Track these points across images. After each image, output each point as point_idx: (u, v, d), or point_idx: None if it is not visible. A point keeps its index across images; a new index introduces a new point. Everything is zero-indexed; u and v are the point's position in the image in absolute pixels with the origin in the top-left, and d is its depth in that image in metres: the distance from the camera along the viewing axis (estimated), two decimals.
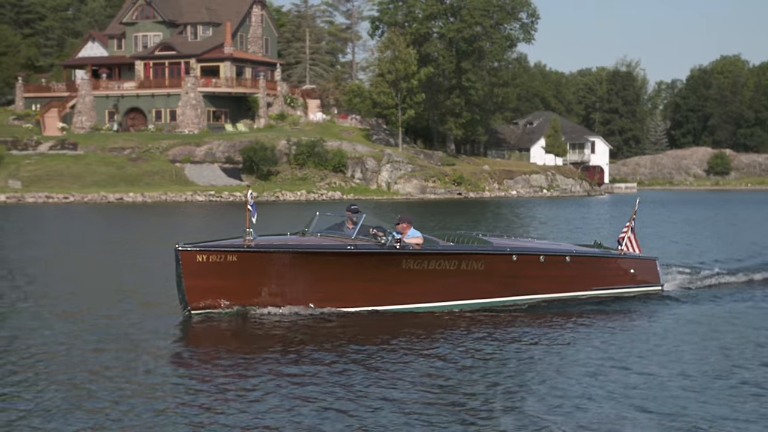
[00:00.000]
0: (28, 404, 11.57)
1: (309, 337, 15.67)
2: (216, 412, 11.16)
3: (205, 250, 16.60)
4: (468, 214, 63.47)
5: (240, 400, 11.67)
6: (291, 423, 10.80)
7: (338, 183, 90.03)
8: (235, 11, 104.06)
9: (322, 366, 13.55)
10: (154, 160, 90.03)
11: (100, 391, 12.14)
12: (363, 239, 17.76)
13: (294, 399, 11.73)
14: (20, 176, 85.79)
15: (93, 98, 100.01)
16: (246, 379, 12.75)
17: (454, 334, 16.43)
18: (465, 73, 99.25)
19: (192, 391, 12.13)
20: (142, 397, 11.76)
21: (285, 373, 13.08)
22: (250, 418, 10.93)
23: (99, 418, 10.95)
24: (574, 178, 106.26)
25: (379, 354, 14.57)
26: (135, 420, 10.87)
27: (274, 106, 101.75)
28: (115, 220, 56.20)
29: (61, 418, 10.98)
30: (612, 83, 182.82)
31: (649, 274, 22.07)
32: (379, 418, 11.04)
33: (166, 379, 12.78)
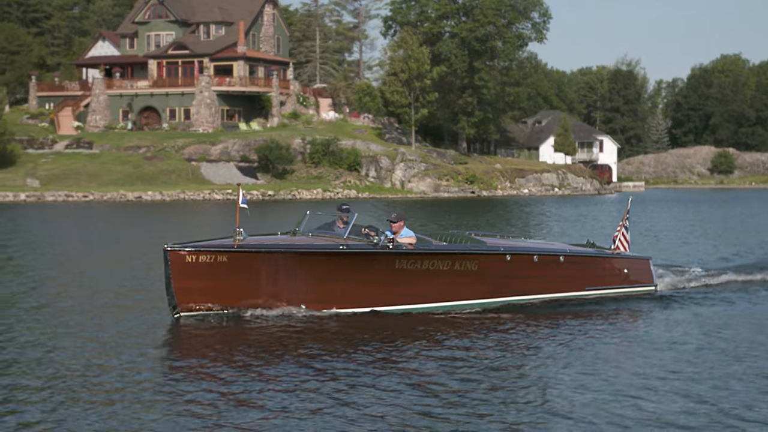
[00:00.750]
0: (8, 406, 11.30)
1: (301, 340, 15.30)
2: (203, 417, 10.86)
3: (195, 251, 16.15)
4: (486, 212, 64.16)
5: (229, 405, 11.33)
6: (281, 426, 10.56)
7: (353, 181, 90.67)
8: (247, 10, 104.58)
9: (314, 369, 13.24)
10: (170, 158, 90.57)
11: (80, 393, 11.81)
12: (355, 239, 17.46)
13: (285, 402, 11.47)
14: (38, 175, 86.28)
15: (107, 97, 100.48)
16: (236, 383, 12.39)
17: (448, 335, 16.12)
18: (477, 73, 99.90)
19: (179, 397, 11.69)
20: (125, 402, 11.39)
21: (276, 377, 12.78)
22: (238, 423, 10.65)
23: (81, 422, 10.65)
24: (584, 176, 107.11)
25: (372, 356, 14.27)
26: (119, 425, 10.55)
27: (287, 105, 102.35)
28: (138, 218, 56.72)
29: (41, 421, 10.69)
30: (614, 82, 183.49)
31: (642, 274, 21.80)
32: (374, 422, 10.81)
33: (149, 385, 12.30)
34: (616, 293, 21.15)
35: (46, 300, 19.86)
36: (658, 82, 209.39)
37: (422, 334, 16.20)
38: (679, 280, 23.32)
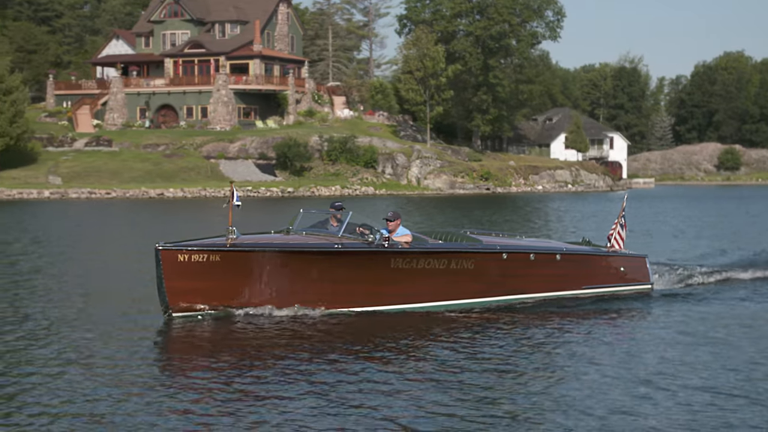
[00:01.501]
0: None
1: (295, 340, 15.07)
2: (194, 419, 10.73)
3: (187, 250, 15.87)
4: (505, 208, 65.16)
5: (221, 407, 11.17)
6: (276, 427, 10.49)
7: (370, 178, 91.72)
8: (262, 9, 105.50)
9: (308, 369, 13.06)
10: (189, 156, 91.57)
11: (70, 394, 11.71)
12: (350, 237, 17.19)
13: (279, 403, 11.34)
14: (59, 172, 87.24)
15: (124, 95, 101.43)
16: (229, 385, 12.18)
17: (444, 335, 15.88)
18: (492, 70, 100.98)
19: (170, 399, 11.51)
20: (115, 404, 11.25)
21: (269, 378, 12.59)
22: (231, 424, 10.57)
23: (70, 424, 10.58)
24: (597, 173, 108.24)
25: (367, 356, 14.07)
26: (108, 426, 10.46)
27: (302, 103, 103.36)
28: (160, 214, 57.69)
29: None
30: (617, 79, 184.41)
31: (638, 272, 21.58)
32: (372, 422, 10.73)
33: (139, 387, 12.04)
34: (612, 292, 20.94)
35: (41, 298, 19.80)
36: (660, 79, 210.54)
37: (418, 335, 15.94)
38: (676, 278, 23.13)
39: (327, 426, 10.57)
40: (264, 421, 10.67)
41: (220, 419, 10.72)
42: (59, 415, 10.83)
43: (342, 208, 18.17)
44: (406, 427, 10.50)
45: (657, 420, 10.86)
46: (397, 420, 10.79)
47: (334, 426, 10.58)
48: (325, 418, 10.85)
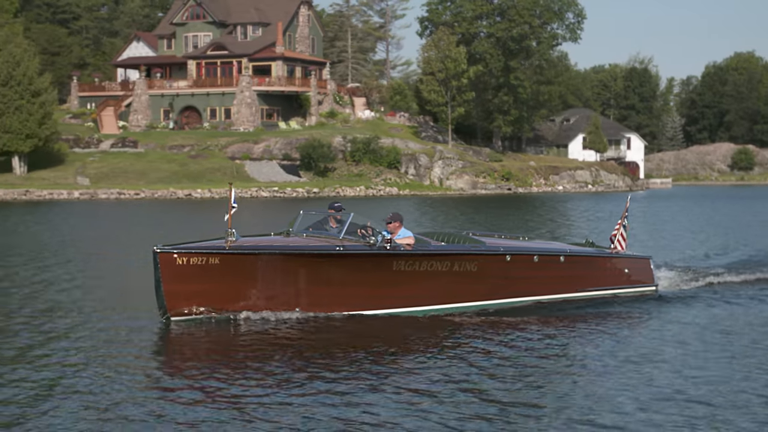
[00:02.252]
0: None
1: (295, 344, 14.84)
2: (192, 425, 10.59)
3: (185, 252, 15.64)
4: (534, 208, 65.99)
5: (220, 413, 10.98)
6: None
7: (393, 179, 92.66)
8: (283, 11, 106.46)
9: (310, 374, 12.87)
10: (214, 157, 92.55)
11: (64, 400, 11.55)
12: (351, 239, 16.87)
13: (279, 410, 11.15)
14: (87, 173, 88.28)
15: (148, 97, 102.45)
16: (228, 390, 12.00)
17: (447, 339, 15.71)
18: (513, 72, 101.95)
19: (167, 405, 11.31)
20: (111, 409, 11.12)
21: (269, 383, 12.40)
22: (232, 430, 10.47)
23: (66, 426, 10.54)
24: (616, 173, 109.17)
25: (369, 361, 13.84)
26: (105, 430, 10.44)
27: (324, 104, 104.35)
28: (186, 215, 58.58)
29: None
30: (629, 80, 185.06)
31: (643, 274, 21.28)
32: (375, 428, 10.62)
33: (136, 393, 11.86)
34: (616, 294, 20.63)
35: (41, 299, 19.75)
36: (669, 80, 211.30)
37: (420, 338, 15.71)
38: (681, 280, 22.81)
39: (328, 430, 10.44)
40: (264, 428, 10.48)
41: (218, 427, 10.52)
42: (54, 418, 10.68)
43: (341, 209, 17.91)
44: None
45: (661, 424, 10.71)
46: (400, 425, 10.59)
47: (335, 430, 10.45)
48: (326, 423, 10.64)
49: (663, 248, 32.51)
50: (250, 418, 10.83)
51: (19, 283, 22.56)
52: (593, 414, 11.13)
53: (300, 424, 10.62)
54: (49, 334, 15.62)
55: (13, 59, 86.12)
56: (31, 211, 60.08)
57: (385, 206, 66.05)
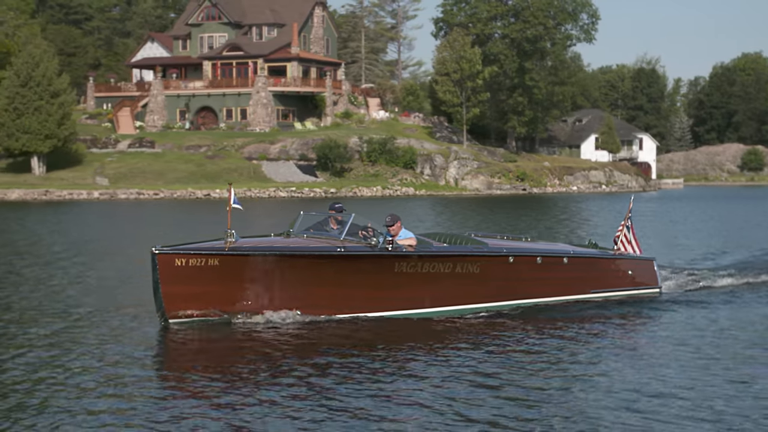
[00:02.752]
0: None
1: (295, 347, 14.63)
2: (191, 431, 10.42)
3: (184, 254, 15.40)
4: (553, 209, 66.41)
5: (219, 418, 10.75)
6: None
7: (409, 179, 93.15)
8: (297, 12, 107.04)
9: (310, 377, 12.64)
10: (231, 157, 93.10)
11: (61, 402, 11.45)
12: (352, 240, 16.60)
13: (279, 413, 11.00)
14: (106, 173, 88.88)
15: (164, 97, 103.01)
16: (227, 394, 11.77)
17: (450, 342, 15.40)
18: (528, 73, 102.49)
19: (164, 410, 11.07)
20: (107, 412, 10.98)
21: (269, 386, 12.17)
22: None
23: None
24: (630, 174, 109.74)
25: (371, 364, 13.57)
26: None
27: (339, 105, 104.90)
28: (205, 215, 59.02)
29: None
30: (637, 80, 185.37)
31: (646, 276, 20.97)
32: None
33: (133, 399, 11.59)
34: (620, 296, 20.35)
35: (40, 298, 19.61)
36: (676, 80, 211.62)
37: (422, 342, 15.40)
38: (685, 282, 22.52)
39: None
40: None
41: None
42: (48, 422, 10.57)
43: (342, 210, 17.70)
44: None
45: (673, 427, 10.64)
46: (404, 429, 10.49)
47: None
48: (327, 427, 10.50)
49: (675, 249, 32.53)
50: (249, 423, 10.59)
51: (27, 282, 22.61)
52: (600, 419, 10.95)
53: (301, 428, 10.42)
54: (44, 337, 15.30)
55: (33, 60, 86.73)
56: (52, 211, 60.63)
57: (400, 207, 66.51)
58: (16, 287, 21.64)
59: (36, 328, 16.13)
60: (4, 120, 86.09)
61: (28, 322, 16.77)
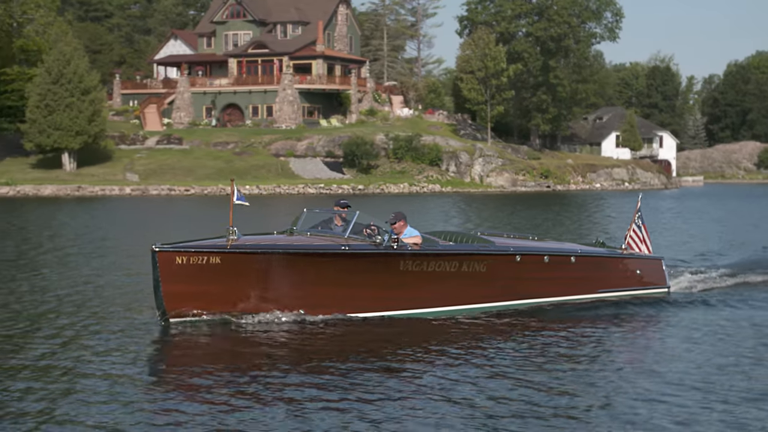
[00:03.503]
0: None
1: (298, 347, 14.37)
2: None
3: (185, 252, 15.04)
4: (585, 206, 67.12)
5: (221, 421, 10.54)
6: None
7: (435, 176, 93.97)
8: (322, 11, 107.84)
9: (314, 378, 12.38)
10: (258, 154, 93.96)
11: (61, 402, 11.28)
12: (356, 238, 16.32)
13: (281, 416, 10.76)
14: (135, 170, 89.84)
15: (191, 95, 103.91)
16: (229, 396, 11.49)
17: (456, 342, 15.08)
18: (552, 71, 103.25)
19: (166, 413, 10.84)
20: (106, 414, 10.73)
21: (272, 388, 11.92)
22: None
23: None
24: (652, 171, 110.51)
25: (376, 365, 13.32)
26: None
27: (364, 102, 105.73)
28: (243, 211, 59.41)
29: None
30: (651, 78, 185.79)
31: (655, 275, 20.67)
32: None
33: (130, 399, 11.35)
34: (627, 296, 20.02)
35: (43, 298, 19.34)
36: (689, 78, 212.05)
37: (428, 341, 15.07)
38: (693, 281, 22.23)
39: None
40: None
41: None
42: (45, 423, 10.47)
43: (348, 207, 17.39)
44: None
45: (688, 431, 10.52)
46: (412, 430, 10.37)
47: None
48: (331, 428, 10.35)
49: (696, 246, 32.65)
50: (251, 424, 10.44)
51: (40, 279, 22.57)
52: (612, 418, 10.83)
53: (303, 430, 10.26)
54: (46, 336, 15.11)
55: (64, 57, 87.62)
56: (86, 206, 61.52)
57: (427, 203, 67.35)
58: (39, 288, 21.40)
59: (36, 326, 15.85)
60: (36, 117, 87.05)
61: (24, 320, 16.54)
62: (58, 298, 19.24)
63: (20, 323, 16.29)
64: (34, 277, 22.91)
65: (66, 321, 16.43)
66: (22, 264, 26.07)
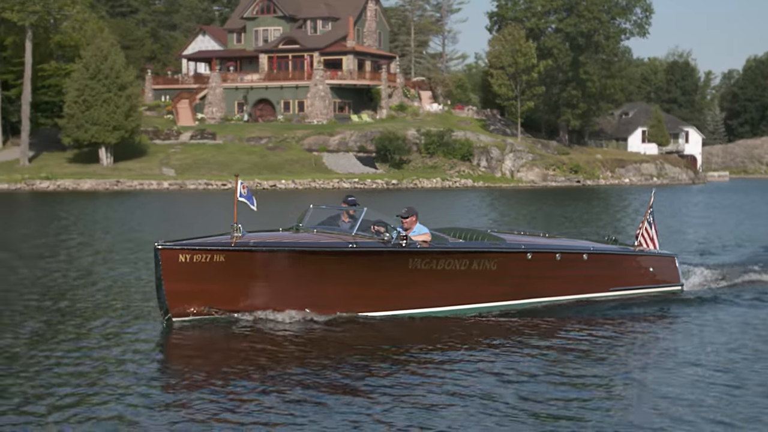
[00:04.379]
0: None
1: (305, 348, 13.97)
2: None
3: (189, 249, 14.68)
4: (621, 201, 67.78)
5: (226, 424, 10.27)
6: None
7: (466, 171, 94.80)
8: (352, 6, 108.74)
9: (321, 380, 12.02)
10: (291, 149, 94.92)
11: (56, 402, 11.05)
12: (364, 236, 15.89)
13: (288, 418, 10.49)
14: (172, 164, 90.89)
15: (222, 90, 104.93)
16: (233, 399, 11.16)
17: (466, 342, 14.71)
18: (582, 66, 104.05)
19: (164, 413, 10.60)
20: (107, 418, 10.45)
21: (278, 390, 11.57)
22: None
23: None
24: (680, 167, 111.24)
25: (385, 365, 12.98)
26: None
27: (393, 98, 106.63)
28: (277, 204, 60.59)
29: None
30: (671, 73, 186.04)
31: (668, 273, 20.29)
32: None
33: (135, 401, 11.06)
34: (641, 294, 19.67)
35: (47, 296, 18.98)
36: (707, 74, 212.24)
37: (437, 341, 14.75)
38: (707, 279, 21.82)
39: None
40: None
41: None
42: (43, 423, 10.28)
43: (355, 203, 16.93)
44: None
45: None
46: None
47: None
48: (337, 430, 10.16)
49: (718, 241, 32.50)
50: (254, 427, 10.20)
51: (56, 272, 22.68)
52: (631, 422, 10.57)
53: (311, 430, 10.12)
54: (45, 335, 14.85)
55: (101, 53, 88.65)
56: (126, 200, 62.51)
57: (459, 198, 68.17)
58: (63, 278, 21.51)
59: (33, 322, 15.77)
60: (74, 112, 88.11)
61: (29, 318, 16.35)
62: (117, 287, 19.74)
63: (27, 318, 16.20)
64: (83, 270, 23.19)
65: (65, 319, 16.10)
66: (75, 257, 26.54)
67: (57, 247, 29.95)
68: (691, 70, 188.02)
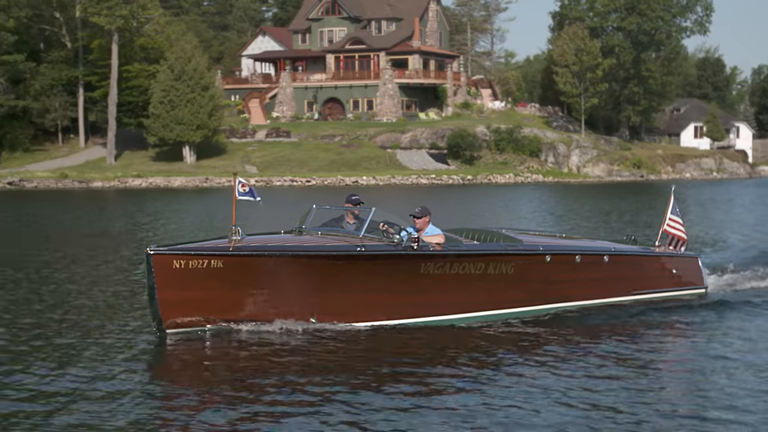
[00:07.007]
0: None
1: (310, 359, 13.16)
2: None
3: (184, 254, 13.66)
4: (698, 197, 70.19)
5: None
6: None
7: (536, 167, 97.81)
8: (415, 7, 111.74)
9: (325, 393, 11.38)
10: (364, 146, 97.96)
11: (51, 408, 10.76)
12: (372, 238, 14.96)
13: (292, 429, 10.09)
14: (253, 161, 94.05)
15: (293, 89, 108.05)
16: (231, 414, 10.58)
17: (483, 352, 13.89)
18: (644, 64, 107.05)
19: (158, 428, 10.14)
20: None
21: (280, 403, 11.02)
22: None
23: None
24: (738, 161, 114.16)
25: (393, 378, 12.17)
26: None
27: (458, 96, 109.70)
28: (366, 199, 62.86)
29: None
30: (702, 69, 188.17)
31: (691, 274, 19.35)
32: None
33: (125, 416, 10.47)
34: (664, 297, 18.72)
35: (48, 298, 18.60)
36: (732, 69, 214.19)
37: (452, 351, 13.92)
38: (732, 281, 20.93)
39: None
40: None
41: None
42: None
43: (360, 202, 16.04)
44: None
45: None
46: None
47: None
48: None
49: None
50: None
51: None
52: None
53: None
54: (44, 344, 14.22)
55: (185, 55, 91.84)
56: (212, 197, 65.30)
57: (529, 193, 70.93)
58: None
59: (37, 331, 15.24)
60: (159, 112, 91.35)
61: (34, 319, 16.21)
62: None
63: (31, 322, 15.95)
64: None
65: (52, 326, 15.64)
66: None
67: None
68: (722, 65, 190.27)
